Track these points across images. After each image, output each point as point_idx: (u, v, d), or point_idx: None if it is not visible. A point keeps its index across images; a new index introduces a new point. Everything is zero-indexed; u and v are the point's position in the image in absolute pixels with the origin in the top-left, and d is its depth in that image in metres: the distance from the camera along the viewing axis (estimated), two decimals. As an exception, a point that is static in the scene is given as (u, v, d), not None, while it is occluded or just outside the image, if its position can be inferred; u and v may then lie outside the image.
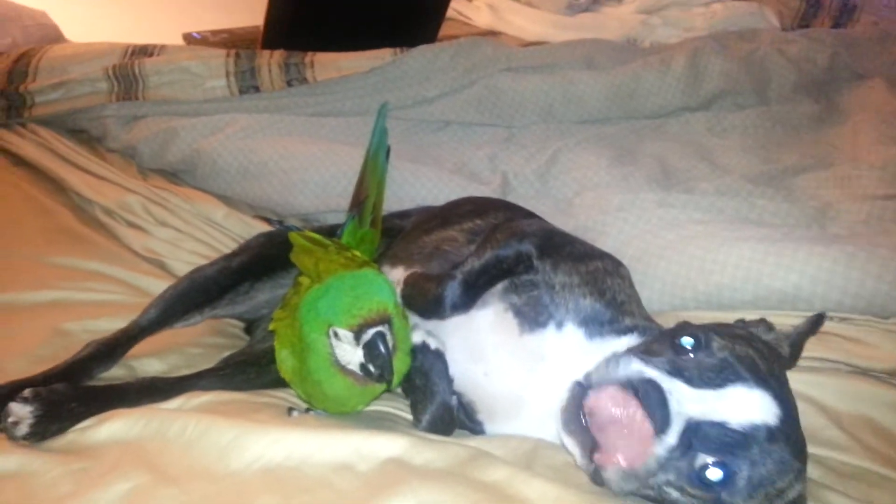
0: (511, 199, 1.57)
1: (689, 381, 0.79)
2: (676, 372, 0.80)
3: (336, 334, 0.92)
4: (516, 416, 0.99)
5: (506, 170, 1.73)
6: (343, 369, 0.94)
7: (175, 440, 0.89)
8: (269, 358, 1.08)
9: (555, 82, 1.89)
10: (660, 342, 0.86)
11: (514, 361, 0.98)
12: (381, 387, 0.95)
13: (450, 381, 1.02)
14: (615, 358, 0.83)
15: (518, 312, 1.01)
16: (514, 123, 1.91)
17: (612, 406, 0.78)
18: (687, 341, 0.83)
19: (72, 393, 0.97)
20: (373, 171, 1.26)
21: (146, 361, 1.17)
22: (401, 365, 0.95)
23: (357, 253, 1.09)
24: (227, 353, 1.22)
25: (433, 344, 1.03)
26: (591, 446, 0.81)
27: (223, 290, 1.21)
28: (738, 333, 0.87)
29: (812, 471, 0.92)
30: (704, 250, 1.34)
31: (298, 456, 0.86)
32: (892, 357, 1.11)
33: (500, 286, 1.04)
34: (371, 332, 0.90)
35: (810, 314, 1.23)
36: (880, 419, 1.03)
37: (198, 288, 1.21)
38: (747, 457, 0.76)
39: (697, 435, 0.76)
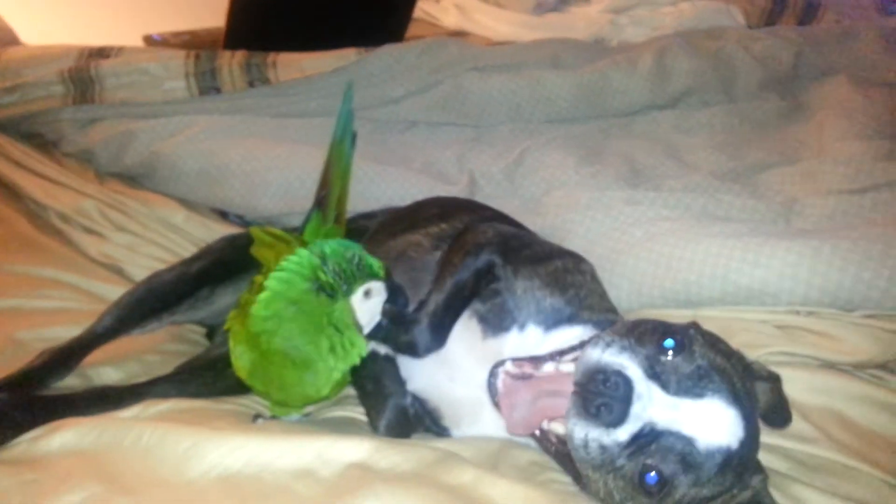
0: (479, 198, 1.55)
1: (665, 386, 0.79)
2: (654, 374, 0.79)
3: (368, 292, 0.92)
4: (479, 419, 0.99)
5: (473, 169, 1.71)
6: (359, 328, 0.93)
7: (131, 449, 0.86)
8: (225, 362, 1.05)
9: (522, 82, 1.88)
10: (644, 336, 0.84)
11: (476, 365, 0.98)
12: (349, 363, 0.93)
13: (402, 382, 1.02)
14: (600, 340, 0.82)
15: (482, 319, 1.01)
16: (482, 123, 1.89)
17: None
18: (668, 343, 0.82)
19: (15, 402, 0.94)
20: (337, 160, 1.22)
21: (102, 370, 1.13)
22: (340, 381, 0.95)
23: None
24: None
25: (382, 350, 1.03)
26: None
27: (182, 296, 1.18)
28: (715, 340, 0.86)
29: (779, 463, 0.92)
30: (672, 247, 1.34)
31: (258, 463, 0.84)
32: (858, 350, 1.12)
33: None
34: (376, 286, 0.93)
35: (778, 309, 1.24)
36: (847, 411, 1.03)
37: (155, 294, 1.18)
38: (694, 474, 0.77)
39: (658, 441, 0.76)
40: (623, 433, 0.76)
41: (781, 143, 1.81)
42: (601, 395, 0.76)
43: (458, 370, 1.00)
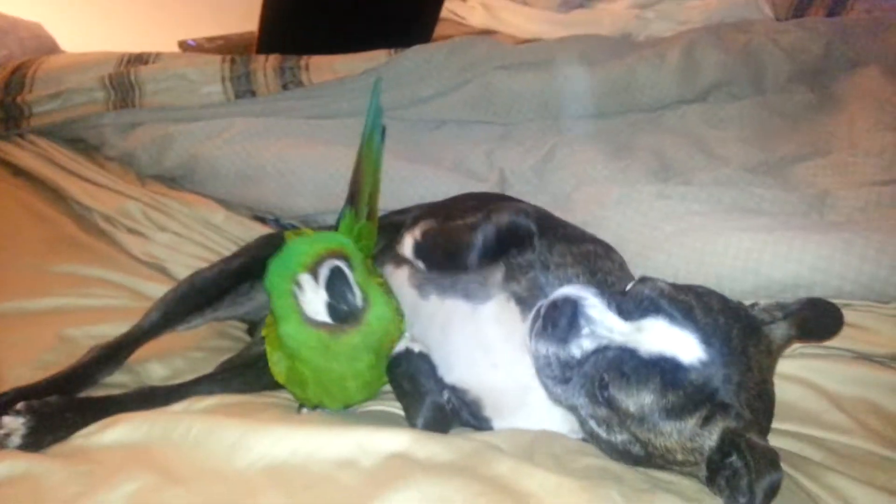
0: (509, 194, 1.57)
1: (622, 313, 0.86)
2: (613, 305, 0.86)
3: (299, 284, 0.93)
4: (523, 406, 1.00)
5: (503, 166, 1.73)
6: (314, 324, 0.94)
7: (180, 442, 0.90)
8: (265, 360, 1.08)
9: (550, 78, 1.90)
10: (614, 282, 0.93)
11: (520, 348, 0.99)
12: (370, 359, 0.97)
13: (438, 380, 1.04)
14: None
15: (519, 300, 1.03)
16: (510, 120, 1.91)
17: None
18: (631, 283, 0.90)
19: (66, 404, 0.98)
20: (367, 155, 1.24)
21: (149, 366, 1.17)
22: (381, 311, 0.97)
23: None
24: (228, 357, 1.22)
25: (416, 348, 1.05)
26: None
27: (223, 291, 1.22)
28: (700, 292, 0.88)
29: (813, 453, 0.93)
30: (703, 242, 1.35)
31: (303, 453, 0.87)
32: (893, 341, 1.12)
33: (499, 275, 1.06)
34: (326, 266, 0.92)
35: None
36: (882, 402, 1.03)
37: (198, 290, 1.21)
38: (637, 382, 0.82)
39: (605, 355, 0.84)
40: (575, 349, 0.85)
41: (812, 136, 1.81)
42: (551, 315, 0.86)
43: (501, 355, 1.02)
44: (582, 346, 0.86)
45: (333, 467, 0.84)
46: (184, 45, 2.56)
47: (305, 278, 0.92)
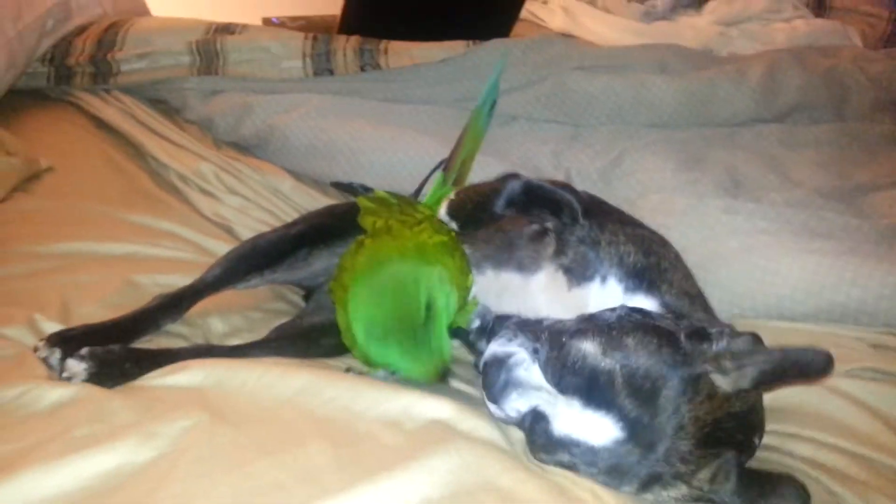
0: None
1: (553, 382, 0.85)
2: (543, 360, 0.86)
3: None
4: None
5: (569, 167, 1.73)
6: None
7: (235, 390, 0.92)
8: (318, 332, 1.11)
9: (626, 83, 1.88)
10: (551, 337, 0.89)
11: (564, 314, 1.00)
12: None
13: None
14: (508, 331, 0.92)
15: (567, 270, 1.07)
16: (582, 122, 1.90)
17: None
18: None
19: (127, 353, 1.01)
20: (473, 126, 1.28)
21: (210, 320, 1.21)
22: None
23: (422, 209, 1.13)
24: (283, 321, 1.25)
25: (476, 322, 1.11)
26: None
27: (282, 254, 1.25)
28: (632, 343, 0.83)
29: (860, 472, 0.91)
30: (767, 260, 1.33)
31: (351, 411, 0.89)
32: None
33: (550, 250, 1.09)
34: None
35: (874, 329, 1.22)
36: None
37: (259, 251, 1.25)
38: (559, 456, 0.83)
39: (532, 418, 0.86)
40: (510, 410, 0.87)
41: (891, 167, 1.76)
42: (486, 376, 0.88)
43: None
44: (516, 408, 0.87)
45: (379, 427, 0.86)
46: (268, 22, 2.62)
47: None
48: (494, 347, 0.90)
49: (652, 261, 1.04)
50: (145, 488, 0.75)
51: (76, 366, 0.96)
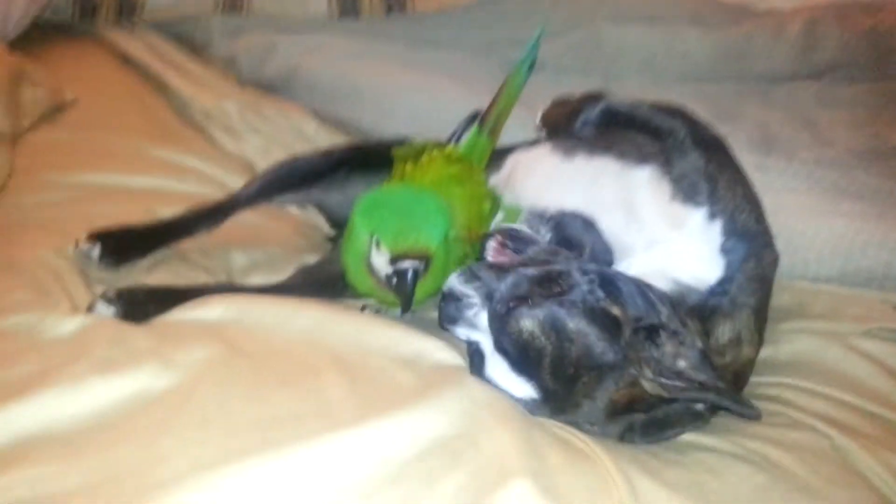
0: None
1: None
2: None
3: (377, 243, 0.95)
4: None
5: (598, 118, 1.70)
6: (371, 269, 0.98)
7: (252, 325, 0.93)
8: (343, 283, 1.10)
9: (659, 34, 1.84)
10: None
11: (656, 219, 1.00)
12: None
13: None
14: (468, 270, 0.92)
15: (674, 180, 1.02)
16: (611, 73, 1.86)
17: None
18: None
19: (152, 295, 1.02)
20: (512, 81, 1.28)
21: (232, 254, 1.21)
22: (429, 287, 0.98)
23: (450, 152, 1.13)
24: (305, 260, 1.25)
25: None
26: None
27: (321, 173, 1.25)
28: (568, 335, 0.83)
29: (873, 429, 0.91)
30: (795, 220, 1.30)
31: (366, 350, 0.89)
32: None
33: (656, 150, 1.05)
34: (405, 264, 0.93)
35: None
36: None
37: (298, 168, 1.25)
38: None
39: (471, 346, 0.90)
40: (459, 335, 0.90)
41: (931, 129, 1.71)
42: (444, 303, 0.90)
43: (637, 218, 1.02)
44: (462, 335, 0.90)
45: (392, 365, 0.87)
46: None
47: (383, 251, 0.95)
48: (454, 283, 0.90)
49: (763, 227, 1.03)
50: (164, 414, 0.76)
51: (105, 309, 0.97)
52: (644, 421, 0.85)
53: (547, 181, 1.13)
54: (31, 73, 1.48)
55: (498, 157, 1.23)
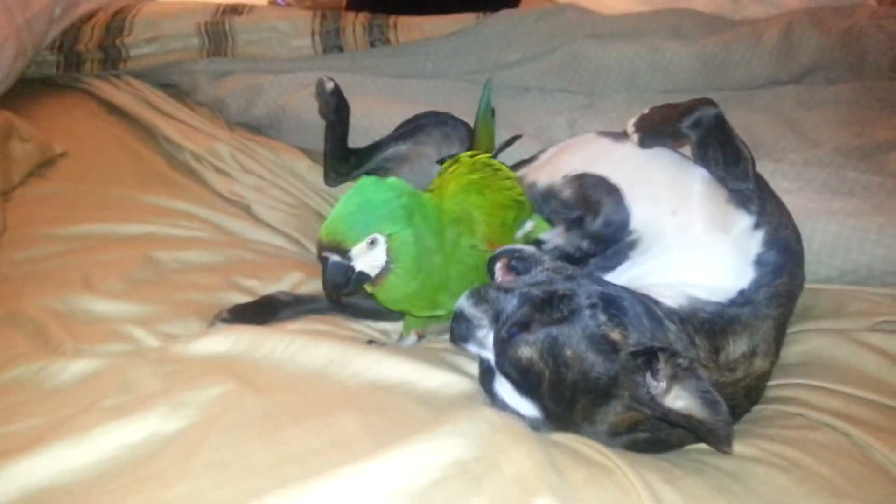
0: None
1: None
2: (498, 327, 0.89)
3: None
4: (664, 253, 1.03)
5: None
6: None
7: (264, 359, 0.93)
8: None
9: (640, 50, 1.86)
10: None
11: (706, 216, 1.02)
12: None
13: None
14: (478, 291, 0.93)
15: (729, 188, 1.05)
16: (595, 90, 1.88)
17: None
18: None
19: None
20: (482, 127, 1.39)
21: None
22: (404, 287, 0.97)
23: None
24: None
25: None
26: None
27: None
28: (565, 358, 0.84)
29: (888, 423, 0.91)
30: (789, 222, 1.31)
31: (379, 385, 0.90)
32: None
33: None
34: (324, 255, 0.94)
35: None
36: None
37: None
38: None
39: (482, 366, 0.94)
40: (472, 347, 0.92)
41: (912, 125, 1.73)
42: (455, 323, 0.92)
43: (687, 207, 1.04)
44: (474, 353, 0.93)
45: (406, 401, 0.87)
46: (274, 3, 2.60)
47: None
48: (464, 304, 0.91)
49: (798, 259, 1.06)
50: (177, 457, 0.75)
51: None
52: (646, 438, 0.86)
53: (593, 158, 1.16)
54: (20, 128, 1.48)
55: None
